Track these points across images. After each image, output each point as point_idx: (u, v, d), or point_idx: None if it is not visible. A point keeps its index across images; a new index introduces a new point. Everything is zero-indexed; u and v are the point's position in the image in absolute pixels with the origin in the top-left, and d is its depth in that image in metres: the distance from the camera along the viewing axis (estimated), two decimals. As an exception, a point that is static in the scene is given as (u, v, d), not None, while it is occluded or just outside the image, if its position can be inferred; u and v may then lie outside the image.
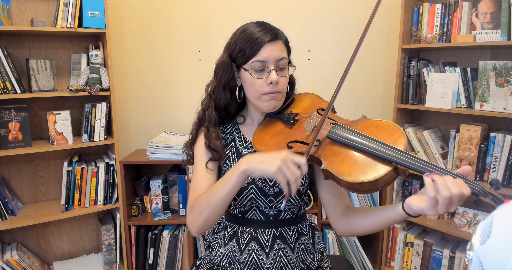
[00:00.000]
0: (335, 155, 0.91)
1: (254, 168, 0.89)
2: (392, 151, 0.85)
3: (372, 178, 0.83)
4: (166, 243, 2.23)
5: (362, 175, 0.85)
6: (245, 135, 1.14)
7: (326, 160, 0.91)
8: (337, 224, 1.08)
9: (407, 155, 0.84)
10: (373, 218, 0.97)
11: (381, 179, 0.84)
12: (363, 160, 0.88)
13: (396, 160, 0.84)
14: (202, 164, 1.10)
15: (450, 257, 1.99)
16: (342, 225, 1.07)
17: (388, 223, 0.94)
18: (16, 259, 1.97)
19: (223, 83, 1.07)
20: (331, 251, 2.25)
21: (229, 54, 1.06)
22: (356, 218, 1.02)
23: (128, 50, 2.40)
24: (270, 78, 1.00)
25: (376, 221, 0.96)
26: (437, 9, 1.97)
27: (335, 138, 0.93)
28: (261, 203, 1.07)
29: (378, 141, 0.88)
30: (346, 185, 0.87)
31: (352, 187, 0.87)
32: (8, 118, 1.94)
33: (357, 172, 0.86)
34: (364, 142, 0.89)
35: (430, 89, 1.99)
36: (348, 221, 1.04)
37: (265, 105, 1.05)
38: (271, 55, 1.00)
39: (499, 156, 1.77)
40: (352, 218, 1.03)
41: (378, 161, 0.86)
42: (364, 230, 1.00)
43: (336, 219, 1.09)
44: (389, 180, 0.85)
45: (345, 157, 0.90)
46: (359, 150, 0.89)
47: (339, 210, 1.08)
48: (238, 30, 1.06)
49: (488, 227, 0.48)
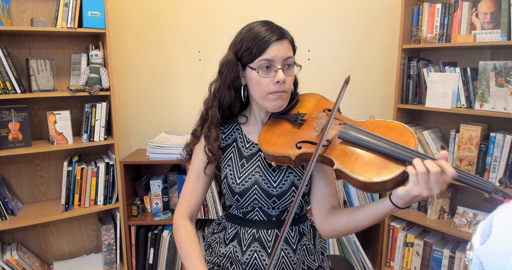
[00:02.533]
0: (347, 155, 0.91)
1: None
2: (405, 151, 0.85)
3: (386, 178, 0.83)
4: (166, 243, 2.23)
5: (376, 175, 0.85)
6: (247, 136, 1.13)
7: (338, 160, 0.91)
8: (321, 224, 1.08)
9: (420, 154, 0.84)
10: (358, 214, 0.96)
11: (394, 179, 0.84)
12: (376, 160, 0.87)
13: (409, 160, 0.83)
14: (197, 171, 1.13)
15: (450, 257, 1.99)
16: (326, 225, 1.06)
17: (374, 218, 0.93)
18: (16, 259, 1.97)
19: (228, 82, 1.06)
20: (331, 251, 2.25)
21: (235, 53, 1.05)
22: (342, 217, 1.00)
23: (128, 50, 2.41)
24: (277, 77, 1.00)
25: (361, 217, 0.95)
26: (437, 9, 1.97)
27: (347, 138, 0.93)
28: (264, 204, 1.07)
29: (391, 141, 0.88)
30: (358, 185, 0.87)
31: (364, 187, 0.87)
32: (8, 118, 1.94)
33: (371, 172, 0.86)
34: (377, 142, 0.89)
35: (430, 89, 1.99)
36: (333, 220, 1.03)
37: (271, 104, 1.04)
38: (278, 54, 1.00)
39: (499, 156, 1.77)
40: (337, 217, 1.02)
41: (392, 161, 0.86)
42: (349, 227, 0.99)
43: (320, 219, 1.08)
44: (401, 180, 0.85)
45: (358, 157, 0.90)
46: (371, 150, 0.89)
47: (325, 210, 1.07)
48: (244, 28, 1.05)
49: (488, 227, 0.48)
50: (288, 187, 1.06)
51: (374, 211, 0.92)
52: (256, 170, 1.08)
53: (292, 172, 1.08)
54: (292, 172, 1.08)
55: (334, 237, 1.21)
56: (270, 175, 1.07)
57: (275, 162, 1.02)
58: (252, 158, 1.10)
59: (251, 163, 1.09)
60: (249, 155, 1.10)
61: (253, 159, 1.10)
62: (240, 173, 1.08)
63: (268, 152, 1.01)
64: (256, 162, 1.09)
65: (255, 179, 1.07)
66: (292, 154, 0.97)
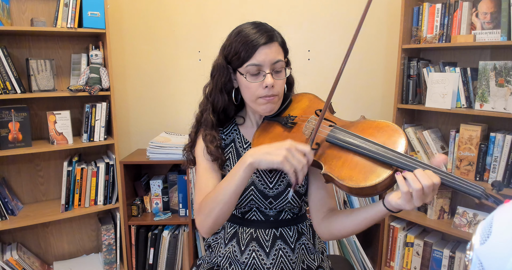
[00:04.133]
0: (335, 159, 0.90)
1: (260, 160, 0.89)
2: (392, 155, 0.84)
3: (373, 182, 0.83)
4: (166, 243, 2.23)
5: (363, 180, 0.84)
6: (245, 136, 1.14)
7: (326, 164, 0.90)
8: (319, 226, 1.07)
9: (407, 158, 0.83)
10: (354, 217, 0.96)
11: (382, 183, 0.83)
12: (364, 164, 0.87)
13: (396, 164, 0.83)
14: (204, 164, 1.09)
15: (450, 257, 1.99)
16: (323, 227, 1.06)
17: (369, 221, 0.93)
18: (16, 259, 1.97)
19: (219, 86, 1.05)
20: (331, 251, 2.25)
21: (224, 57, 1.04)
22: (338, 220, 1.00)
23: (128, 50, 2.41)
24: (265, 82, 0.98)
25: (357, 220, 0.95)
26: (437, 9, 1.97)
27: (334, 142, 0.92)
28: (261, 204, 1.07)
29: (378, 144, 0.87)
30: (347, 190, 0.87)
31: (353, 192, 0.86)
32: (8, 118, 1.94)
33: (358, 177, 0.85)
34: (364, 145, 0.88)
35: (430, 89, 1.99)
36: (330, 223, 1.03)
37: (261, 108, 1.03)
38: (266, 59, 0.98)
39: (499, 156, 1.77)
40: (334, 219, 1.02)
41: (379, 165, 0.85)
42: (345, 231, 0.99)
43: (318, 221, 1.07)
44: (390, 183, 0.85)
45: (345, 161, 0.89)
46: (359, 153, 0.88)
47: (323, 212, 1.07)
48: (234, 31, 1.04)
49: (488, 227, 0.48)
50: (284, 188, 1.06)
51: (369, 215, 0.92)
52: None
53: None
54: None
55: (333, 239, 1.21)
56: (267, 177, 1.07)
57: None
58: None
59: None
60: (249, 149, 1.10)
61: None
62: None
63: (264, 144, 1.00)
64: None
65: (252, 180, 1.07)
66: None
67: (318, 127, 0.93)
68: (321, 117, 0.92)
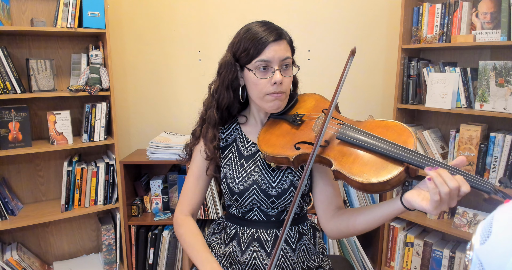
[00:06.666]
0: (345, 156, 0.90)
1: None
2: (403, 151, 0.84)
3: (384, 178, 0.83)
4: (166, 243, 2.23)
5: (374, 176, 0.84)
6: (247, 136, 1.14)
7: (336, 161, 0.90)
8: (328, 225, 1.07)
9: (418, 154, 0.83)
10: (367, 216, 0.95)
11: (393, 179, 0.83)
12: (375, 161, 0.87)
13: (408, 160, 0.83)
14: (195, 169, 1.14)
15: (450, 257, 1.99)
16: (332, 226, 1.05)
17: (385, 218, 0.92)
18: (16, 259, 1.97)
19: (226, 83, 1.06)
20: (331, 251, 2.25)
21: (233, 54, 1.05)
22: (351, 217, 1.00)
23: (128, 50, 2.41)
24: (274, 78, 0.99)
25: (370, 218, 0.94)
26: (437, 9, 1.97)
27: (345, 139, 0.92)
28: (263, 204, 1.07)
29: (389, 141, 0.87)
30: (357, 186, 0.86)
31: (363, 188, 0.86)
32: (8, 118, 1.94)
33: (369, 173, 0.85)
34: (375, 142, 0.88)
35: (430, 89, 1.99)
36: (341, 221, 1.02)
37: (268, 105, 1.04)
38: (275, 55, 0.99)
39: (499, 156, 1.77)
40: (346, 217, 1.01)
41: (390, 162, 0.85)
42: (357, 228, 0.98)
43: (327, 220, 1.07)
44: (400, 180, 0.85)
45: (356, 157, 0.89)
46: (369, 150, 0.88)
47: (331, 211, 1.07)
48: (242, 29, 1.05)
49: (488, 227, 0.48)
50: (287, 188, 1.06)
51: (385, 212, 0.91)
52: (255, 170, 1.08)
53: (291, 172, 1.08)
54: (291, 172, 1.08)
55: (342, 238, 1.21)
56: (269, 175, 1.07)
57: (274, 163, 1.01)
58: (251, 158, 1.10)
59: (250, 163, 1.09)
60: (248, 155, 1.11)
61: (253, 159, 1.10)
62: (239, 173, 1.08)
63: (267, 153, 1.00)
64: (255, 162, 1.09)
65: (254, 179, 1.07)
66: (290, 155, 0.97)
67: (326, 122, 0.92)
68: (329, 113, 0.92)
